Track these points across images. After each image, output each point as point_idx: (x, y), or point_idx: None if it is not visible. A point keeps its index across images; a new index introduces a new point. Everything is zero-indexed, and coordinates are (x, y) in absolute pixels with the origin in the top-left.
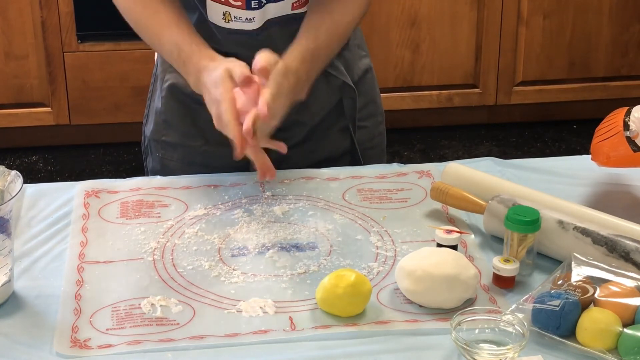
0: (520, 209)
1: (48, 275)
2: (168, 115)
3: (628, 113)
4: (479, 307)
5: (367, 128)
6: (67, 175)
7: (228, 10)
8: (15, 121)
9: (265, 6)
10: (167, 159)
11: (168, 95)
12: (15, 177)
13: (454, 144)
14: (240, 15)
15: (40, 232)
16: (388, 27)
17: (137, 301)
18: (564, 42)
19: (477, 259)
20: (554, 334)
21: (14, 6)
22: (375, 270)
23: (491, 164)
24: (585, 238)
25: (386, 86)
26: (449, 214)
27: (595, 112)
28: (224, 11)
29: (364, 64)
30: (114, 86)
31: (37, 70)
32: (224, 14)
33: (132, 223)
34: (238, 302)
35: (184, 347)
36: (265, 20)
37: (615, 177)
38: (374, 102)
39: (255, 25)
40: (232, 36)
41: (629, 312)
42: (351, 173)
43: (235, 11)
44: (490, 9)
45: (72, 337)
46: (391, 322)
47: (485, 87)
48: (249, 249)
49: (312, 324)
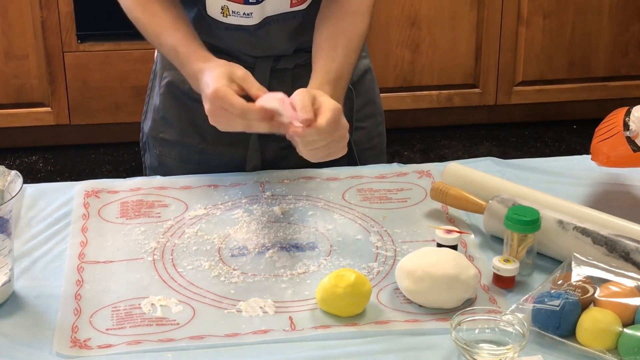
0: (520, 209)
1: (48, 275)
2: (166, 113)
3: (628, 113)
4: (479, 307)
5: (366, 129)
6: (67, 175)
7: (226, 4)
8: (15, 121)
9: (263, 2)
10: (164, 156)
11: (166, 92)
12: (15, 177)
13: (454, 144)
14: (238, 9)
15: (40, 232)
16: (388, 27)
17: (137, 301)
18: (564, 42)
19: (477, 259)
20: (554, 334)
21: (14, 6)
22: (375, 270)
23: (491, 164)
24: (585, 238)
25: (386, 86)
26: (449, 214)
27: (595, 112)
28: (222, 5)
29: (363, 64)
30: (113, 86)
31: (37, 70)
32: (222, 8)
33: (132, 223)
34: (238, 302)
35: (184, 347)
36: (263, 17)
37: (615, 177)
38: (373, 103)
39: (254, 21)
40: (230, 32)
41: (629, 312)
42: (351, 173)
43: (234, 5)
44: (490, 9)
45: (72, 337)
46: (391, 322)
47: (485, 87)
48: (248, 249)
49: (312, 324)
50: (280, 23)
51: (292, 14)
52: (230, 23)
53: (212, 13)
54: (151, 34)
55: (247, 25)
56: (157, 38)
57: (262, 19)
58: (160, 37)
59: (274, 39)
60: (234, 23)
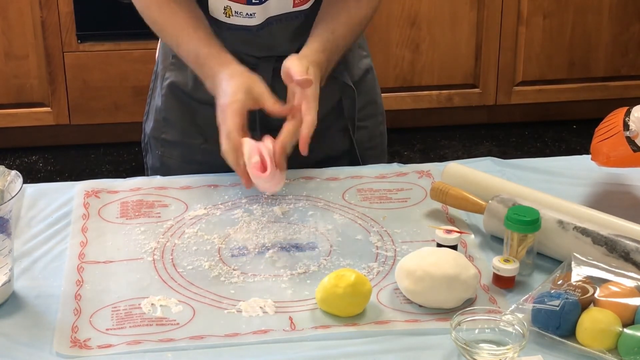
0: (520, 209)
1: (48, 275)
2: (168, 113)
3: (628, 113)
4: (479, 307)
5: (367, 128)
6: (67, 175)
7: (229, 4)
8: (15, 121)
9: (266, 2)
10: (166, 156)
11: (168, 93)
12: (15, 177)
13: (454, 144)
14: (241, 10)
15: (40, 232)
16: (388, 27)
17: (137, 301)
18: (564, 42)
19: (477, 259)
20: (554, 334)
21: (14, 6)
22: (375, 270)
23: (491, 164)
24: (585, 238)
25: (386, 86)
26: (449, 214)
27: (595, 112)
28: (225, 5)
29: (365, 64)
30: (113, 86)
31: (37, 70)
32: (225, 8)
33: (132, 223)
34: (238, 302)
35: (184, 347)
36: (266, 17)
37: (615, 177)
38: (374, 102)
39: (257, 22)
40: (233, 32)
41: (629, 312)
42: (351, 173)
43: (236, 6)
44: (490, 9)
45: (72, 337)
46: (391, 322)
47: (485, 87)
48: (248, 249)
49: (312, 324)
50: (282, 23)
51: (294, 14)
52: (233, 23)
53: (215, 13)
54: (170, 34)
55: (250, 26)
56: (176, 38)
57: (264, 19)
58: (179, 37)
59: (277, 39)
60: (237, 23)
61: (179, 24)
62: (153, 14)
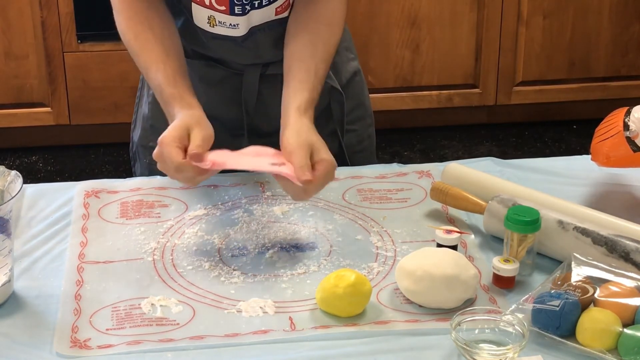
0: (520, 209)
1: (48, 275)
2: (155, 121)
3: (628, 113)
4: (479, 307)
5: (356, 131)
6: (67, 175)
7: (213, 14)
8: (15, 121)
9: (249, 13)
10: (154, 164)
11: (154, 101)
12: (15, 177)
13: (454, 144)
14: (224, 20)
15: (40, 232)
16: (388, 27)
17: (137, 301)
18: (564, 42)
19: (477, 259)
20: (554, 334)
21: (14, 6)
22: (375, 270)
23: (491, 164)
24: (585, 238)
25: (386, 86)
26: (449, 214)
27: (595, 112)
28: (208, 15)
29: (352, 66)
30: (113, 86)
31: (37, 70)
32: (209, 18)
33: (132, 223)
34: (238, 302)
35: (184, 347)
36: (250, 27)
37: (615, 177)
38: (362, 105)
39: (240, 32)
40: (218, 41)
41: (629, 312)
42: (351, 173)
43: (220, 16)
44: (490, 9)
45: (72, 337)
46: (391, 322)
47: (485, 87)
48: (248, 249)
49: (312, 324)
50: (266, 31)
51: (277, 22)
52: (217, 33)
53: (199, 23)
54: (141, 62)
55: (235, 37)
56: (146, 69)
57: (248, 29)
58: (149, 69)
59: (262, 47)
60: (221, 33)
61: (149, 57)
62: (129, 40)
